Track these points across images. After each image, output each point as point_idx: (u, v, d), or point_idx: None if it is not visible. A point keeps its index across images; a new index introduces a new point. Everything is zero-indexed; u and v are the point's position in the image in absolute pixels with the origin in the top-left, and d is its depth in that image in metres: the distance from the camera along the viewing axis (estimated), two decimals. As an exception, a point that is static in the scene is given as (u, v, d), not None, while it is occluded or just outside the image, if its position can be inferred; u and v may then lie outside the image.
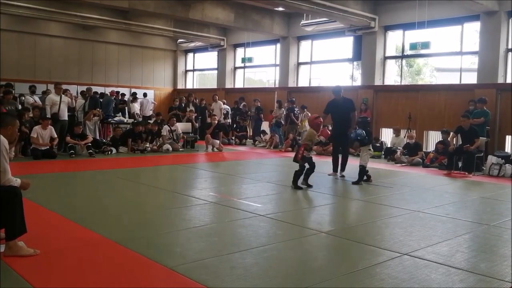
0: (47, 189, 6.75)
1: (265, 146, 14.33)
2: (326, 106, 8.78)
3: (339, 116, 8.50)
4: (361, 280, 3.39)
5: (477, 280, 3.45)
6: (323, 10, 12.05)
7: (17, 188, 3.73)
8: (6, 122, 3.84)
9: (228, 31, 18.47)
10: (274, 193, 7.02)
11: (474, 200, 6.85)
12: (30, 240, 3.79)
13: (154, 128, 12.58)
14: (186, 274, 3.37)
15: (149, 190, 6.98)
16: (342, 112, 8.44)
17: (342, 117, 8.47)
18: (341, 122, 8.52)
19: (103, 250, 3.93)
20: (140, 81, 20.39)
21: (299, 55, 16.75)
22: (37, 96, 13.83)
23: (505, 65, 11.55)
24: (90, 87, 14.34)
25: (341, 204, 6.54)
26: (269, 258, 3.83)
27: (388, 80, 14.27)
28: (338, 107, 8.47)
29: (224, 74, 19.12)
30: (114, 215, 5.23)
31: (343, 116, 8.45)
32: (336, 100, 8.60)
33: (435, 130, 12.65)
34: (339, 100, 8.59)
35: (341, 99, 8.61)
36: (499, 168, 9.34)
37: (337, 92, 8.58)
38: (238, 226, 4.87)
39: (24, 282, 3.17)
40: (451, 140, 10.10)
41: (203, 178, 8.54)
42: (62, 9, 14.50)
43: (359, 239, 4.47)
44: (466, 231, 4.90)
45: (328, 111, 8.67)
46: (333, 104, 8.60)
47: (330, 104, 8.71)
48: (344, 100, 8.61)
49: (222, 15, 14.79)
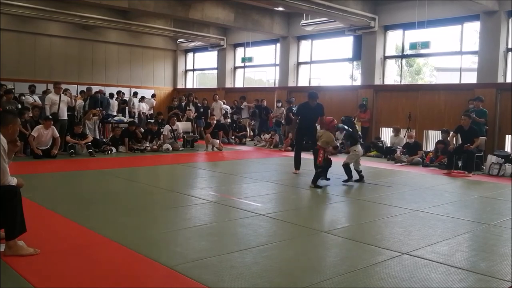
0: (47, 189, 6.75)
1: (265, 145, 14.34)
2: (297, 109, 9.12)
3: (309, 119, 8.83)
4: (361, 279, 3.40)
5: (477, 280, 3.45)
6: (323, 10, 12.05)
7: (17, 188, 3.72)
8: (6, 121, 3.81)
9: (228, 31, 18.47)
10: (274, 192, 7.02)
11: (474, 200, 6.85)
12: (30, 240, 3.79)
13: (154, 128, 12.60)
14: (186, 273, 3.37)
15: (149, 190, 6.98)
16: (312, 116, 8.79)
17: (311, 121, 8.84)
18: (309, 125, 8.86)
19: (103, 250, 3.93)
20: (140, 81, 20.39)
21: (299, 55, 16.75)
22: (37, 95, 13.84)
23: (505, 65, 11.55)
24: (90, 87, 14.33)
25: (341, 203, 6.54)
26: (269, 257, 3.83)
27: (388, 80, 14.27)
28: (310, 111, 8.73)
29: (224, 74, 19.13)
30: (114, 214, 5.23)
31: (312, 120, 8.84)
32: (308, 104, 8.80)
33: (435, 130, 12.65)
34: (312, 104, 8.78)
35: (314, 104, 8.81)
36: (499, 168, 9.35)
37: (313, 97, 8.78)
38: (238, 226, 4.87)
39: (24, 281, 3.17)
40: (451, 139, 10.10)
41: (203, 178, 8.54)
42: (62, 9, 14.52)
43: (359, 238, 4.48)
44: (466, 231, 4.90)
45: (299, 113, 9.05)
46: (305, 108, 8.86)
47: (301, 107, 9.04)
48: (317, 105, 8.84)
49: (222, 15, 14.79)
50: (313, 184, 7.30)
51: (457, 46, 12.77)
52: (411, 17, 12.61)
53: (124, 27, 16.48)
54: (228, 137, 15.06)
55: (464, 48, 12.54)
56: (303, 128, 8.89)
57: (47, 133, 9.99)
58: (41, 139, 9.93)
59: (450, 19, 12.44)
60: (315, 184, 7.28)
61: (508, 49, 11.58)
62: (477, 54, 12.00)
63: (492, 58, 11.50)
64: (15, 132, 3.89)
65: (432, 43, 12.33)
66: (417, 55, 15.00)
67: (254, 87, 19.06)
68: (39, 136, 9.87)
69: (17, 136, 3.97)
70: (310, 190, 7.07)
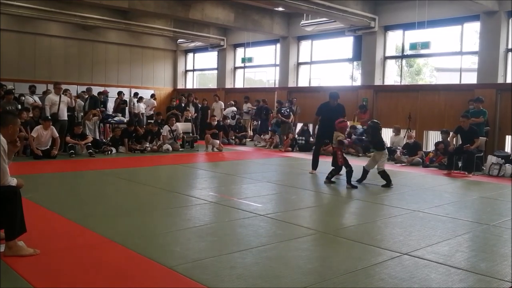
0: (47, 189, 6.75)
1: (265, 146, 14.34)
2: (318, 109, 8.98)
3: (330, 119, 8.69)
4: (361, 279, 3.39)
5: (477, 280, 3.45)
6: (323, 10, 12.06)
7: (17, 188, 3.72)
8: (6, 121, 3.81)
9: (228, 31, 18.47)
10: (274, 193, 7.02)
11: (474, 200, 6.85)
12: (30, 240, 3.79)
13: (154, 128, 12.60)
14: (186, 273, 3.37)
15: (149, 190, 6.98)
16: (333, 116, 8.67)
17: (331, 121, 8.68)
18: (330, 125, 8.71)
19: (103, 250, 3.93)
20: (140, 81, 20.40)
21: (299, 55, 16.76)
22: (37, 96, 13.84)
23: (505, 65, 11.56)
24: (90, 87, 14.33)
25: (341, 204, 6.54)
26: (269, 258, 3.83)
27: (388, 80, 14.28)
28: (331, 111, 8.70)
29: (224, 74, 19.13)
30: (114, 215, 5.22)
31: (333, 120, 8.68)
32: (329, 104, 8.81)
33: (435, 130, 12.66)
34: (333, 104, 8.79)
35: (335, 104, 8.82)
36: (499, 168, 9.34)
37: (334, 97, 8.78)
38: (238, 226, 4.87)
39: (24, 282, 3.17)
40: (451, 140, 10.10)
41: (203, 178, 8.54)
42: (62, 9, 14.53)
43: (359, 238, 4.48)
44: (466, 231, 4.90)
45: (320, 113, 8.93)
46: (326, 108, 8.83)
47: (322, 107, 8.95)
48: (338, 106, 8.86)
49: (222, 15, 14.80)
50: (349, 184, 7.36)
51: (457, 47, 12.78)
52: (411, 17, 12.61)
53: (124, 27, 16.49)
54: (228, 137, 15.06)
55: (464, 49, 12.55)
56: (324, 128, 8.79)
57: (46, 134, 9.99)
58: (41, 140, 9.93)
59: (450, 19, 12.44)
60: (351, 184, 7.35)
61: (508, 50, 11.58)
62: (477, 54, 12.01)
63: (492, 58, 11.51)
64: (15, 132, 3.89)
65: (432, 43, 12.34)
66: (417, 56, 15.01)
67: (254, 87, 19.05)
68: (38, 136, 9.87)
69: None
70: (310, 191, 7.06)
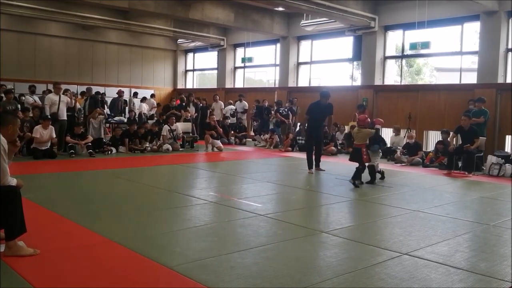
0: (47, 189, 6.75)
1: (265, 146, 14.33)
2: (308, 108, 9.10)
3: (319, 119, 8.97)
4: (361, 279, 3.40)
5: (477, 280, 3.45)
6: (323, 10, 12.06)
7: (17, 188, 3.72)
8: (6, 121, 3.82)
9: (228, 31, 18.47)
10: (274, 193, 7.02)
11: (474, 200, 6.85)
12: (30, 240, 3.79)
13: (154, 128, 12.60)
14: (186, 273, 3.37)
15: (149, 190, 6.98)
16: (322, 116, 8.97)
17: (320, 121, 9.03)
18: (319, 125, 9.01)
19: (103, 250, 3.93)
20: (140, 81, 20.40)
21: (299, 55, 16.75)
22: (37, 96, 13.84)
23: (505, 65, 11.56)
24: (90, 87, 14.33)
25: (341, 204, 6.53)
26: (268, 258, 3.83)
27: (388, 80, 14.28)
28: (320, 110, 8.86)
29: (224, 74, 19.13)
30: (113, 215, 5.23)
31: (322, 120, 9.04)
32: (320, 103, 8.93)
33: (435, 130, 12.65)
34: (324, 103, 8.92)
35: (326, 103, 8.95)
36: (499, 168, 9.34)
37: (326, 96, 8.91)
38: (238, 226, 4.87)
39: (24, 282, 3.17)
40: (451, 140, 10.10)
41: (203, 178, 8.54)
42: (62, 9, 14.53)
43: (359, 238, 4.48)
44: (466, 231, 4.90)
45: (310, 113, 9.05)
46: (316, 107, 8.95)
47: (313, 106, 9.06)
48: (328, 105, 9.00)
49: (222, 15, 14.80)
50: (352, 180, 7.40)
51: (457, 46, 12.78)
52: (411, 17, 12.61)
53: (124, 27, 16.49)
54: (228, 137, 15.06)
55: (464, 48, 12.55)
56: (312, 128, 8.92)
57: (46, 133, 9.99)
58: (41, 139, 9.92)
59: (450, 19, 12.44)
60: (355, 182, 7.37)
61: (508, 49, 11.58)
62: (477, 54, 12.00)
63: (492, 58, 11.50)
64: (15, 132, 3.90)
65: (432, 43, 12.33)
66: (417, 55, 15.01)
67: (254, 87, 19.05)
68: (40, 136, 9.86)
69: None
70: (310, 191, 7.06)
